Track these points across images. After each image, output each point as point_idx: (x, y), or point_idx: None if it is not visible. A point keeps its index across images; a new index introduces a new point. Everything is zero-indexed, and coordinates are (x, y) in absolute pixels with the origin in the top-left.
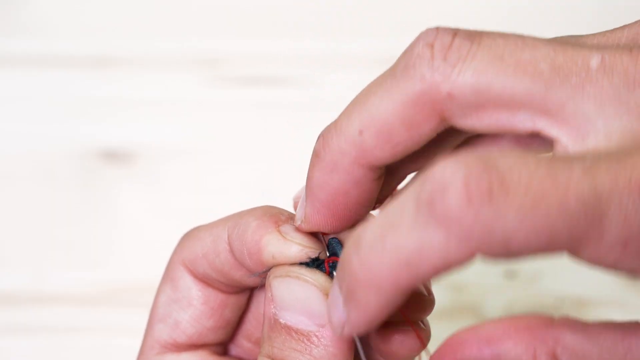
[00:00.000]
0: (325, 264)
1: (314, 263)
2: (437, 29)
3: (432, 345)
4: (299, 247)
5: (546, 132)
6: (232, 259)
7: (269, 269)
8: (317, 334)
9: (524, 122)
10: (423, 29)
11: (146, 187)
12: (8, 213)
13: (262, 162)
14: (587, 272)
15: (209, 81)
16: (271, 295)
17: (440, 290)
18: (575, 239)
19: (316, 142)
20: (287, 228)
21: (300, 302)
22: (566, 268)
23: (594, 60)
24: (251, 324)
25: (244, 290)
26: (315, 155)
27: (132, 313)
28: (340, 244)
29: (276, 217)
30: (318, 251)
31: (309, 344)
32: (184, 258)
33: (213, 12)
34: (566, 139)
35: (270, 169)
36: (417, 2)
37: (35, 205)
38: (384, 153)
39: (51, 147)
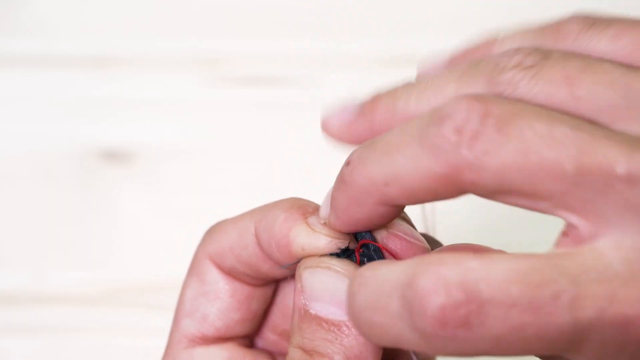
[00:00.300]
0: (356, 253)
1: (344, 253)
2: (468, 107)
3: None
4: (328, 239)
5: (566, 219)
6: (260, 252)
7: (298, 260)
8: (347, 323)
9: (544, 209)
10: (423, 29)
11: (146, 187)
12: (8, 213)
13: (262, 162)
14: None
15: (209, 81)
16: (301, 286)
17: None
18: (550, 354)
19: (344, 167)
20: (315, 220)
21: (331, 293)
22: None
23: (620, 167)
24: (277, 316)
25: (271, 282)
26: (342, 181)
27: (132, 313)
28: (370, 234)
29: (303, 209)
30: (347, 241)
31: (339, 333)
32: (209, 252)
33: (213, 12)
34: (583, 229)
35: (270, 169)
36: (417, 2)
37: (35, 205)
38: (408, 202)
39: (51, 147)
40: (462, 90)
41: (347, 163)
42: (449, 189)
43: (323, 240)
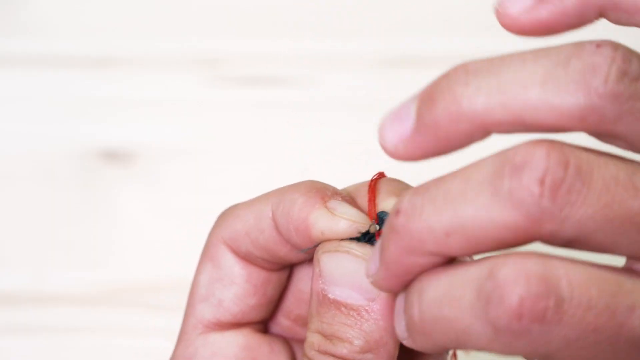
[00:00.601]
0: (377, 238)
1: (364, 237)
2: (548, 154)
3: None
4: (348, 223)
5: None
6: (277, 236)
7: (317, 244)
8: (367, 308)
9: (624, 262)
10: (423, 29)
11: (146, 187)
12: (8, 213)
13: (262, 162)
14: None
15: (209, 81)
16: (319, 271)
17: None
18: None
19: (393, 217)
20: (334, 203)
21: (350, 277)
22: None
23: None
24: (290, 301)
25: (286, 267)
26: (394, 231)
27: (132, 313)
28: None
29: (322, 192)
30: (367, 225)
31: (359, 318)
32: (224, 237)
33: (213, 12)
34: None
35: (270, 169)
36: (417, 2)
37: (35, 205)
38: (467, 252)
39: (51, 147)
40: (548, 97)
41: (397, 212)
42: (520, 239)
43: (343, 224)
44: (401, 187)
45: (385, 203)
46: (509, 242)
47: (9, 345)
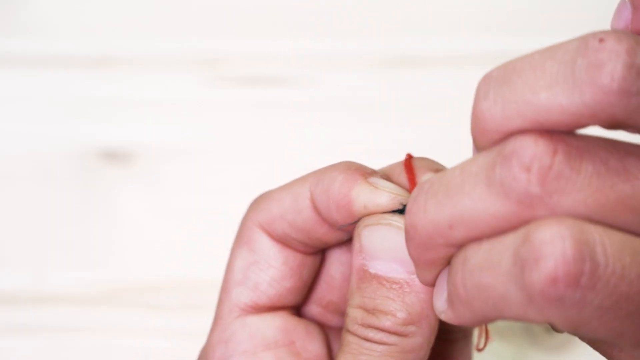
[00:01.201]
0: None
1: (404, 210)
2: (536, 142)
3: None
4: (390, 195)
5: None
6: (316, 216)
7: (356, 221)
8: (408, 281)
9: None
10: (423, 29)
11: (146, 187)
12: (8, 213)
13: (262, 162)
14: None
15: (209, 81)
16: (360, 246)
17: None
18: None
19: (406, 215)
20: (375, 179)
21: (392, 250)
22: None
23: None
24: (322, 287)
25: (321, 250)
26: (406, 233)
27: (132, 313)
28: None
29: (361, 169)
30: (408, 197)
31: (401, 291)
32: (260, 220)
33: (213, 12)
34: None
35: (270, 169)
36: (417, 2)
37: (35, 205)
38: (472, 240)
39: (51, 147)
40: (558, 99)
41: (407, 212)
42: (515, 225)
43: (386, 197)
44: (433, 164)
45: (424, 177)
46: (507, 229)
47: (9, 345)
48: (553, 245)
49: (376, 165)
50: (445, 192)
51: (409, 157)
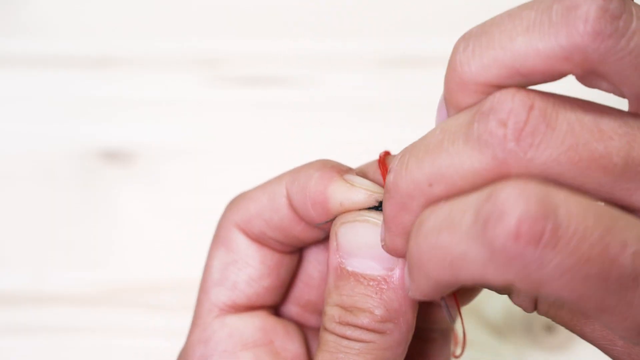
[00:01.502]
0: None
1: (381, 207)
2: (513, 98)
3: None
4: (366, 192)
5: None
6: (292, 214)
7: (333, 218)
8: (386, 278)
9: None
10: (423, 29)
11: (146, 187)
12: (8, 213)
13: (262, 162)
14: None
15: (209, 81)
16: (337, 244)
17: None
18: (600, 309)
19: (388, 175)
20: (350, 176)
21: (369, 247)
22: None
23: None
24: (299, 287)
25: (299, 249)
26: (387, 190)
27: (132, 313)
28: None
29: (337, 167)
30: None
31: (378, 288)
32: (236, 220)
33: (213, 12)
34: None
35: (270, 169)
36: (417, 2)
37: (35, 205)
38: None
39: (51, 147)
40: (533, 43)
41: (390, 171)
42: (492, 182)
43: (362, 194)
44: None
45: None
46: (484, 185)
47: (9, 345)
48: (517, 203)
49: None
50: (425, 150)
51: (385, 154)
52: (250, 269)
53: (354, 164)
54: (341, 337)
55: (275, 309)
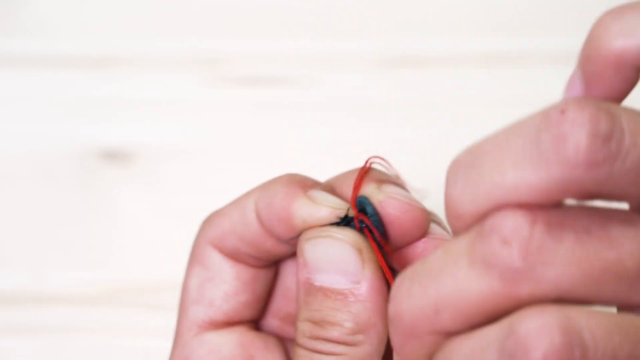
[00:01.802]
0: (355, 221)
1: (344, 221)
2: (514, 215)
3: None
4: (328, 209)
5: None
6: (262, 229)
7: (299, 234)
8: (353, 291)
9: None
10: (423, 29)
11: (146, 187)
12: (8, 213)
13: (262, 162)
14: None
15: (209, 81)
16: (303, 260)
17: None
18: None
19: (390, 303)
20: (314, 192)
21: (334, 261)
22: None
23: None
24: (278, 300)
25: (273, 263)
26: (390, 321)
27: (132, 313)
28: (368, 200)
29: (302, 182)
30: (346, 209)
31: (346, 301)
32: (210, 238)
33: (213, 12)
34: None
35: (270, 169)
36: (417, 2)
37: (35, 205)
38: (462, 328)
39: (51, 147)
40: (525, 177)
41: (390, 299)
42: (503, 305)
43: (324, 211)
44: (383, 176)
45: (366, 187)
46: (495, 309)
47: (9, 345)
48: (540, 336)
49: (377, 165)
50: (428, 275)
51: (367, 169)
52: (226, 285)
53: (354, 164)
54: (313, 351)
55: (256, 323)
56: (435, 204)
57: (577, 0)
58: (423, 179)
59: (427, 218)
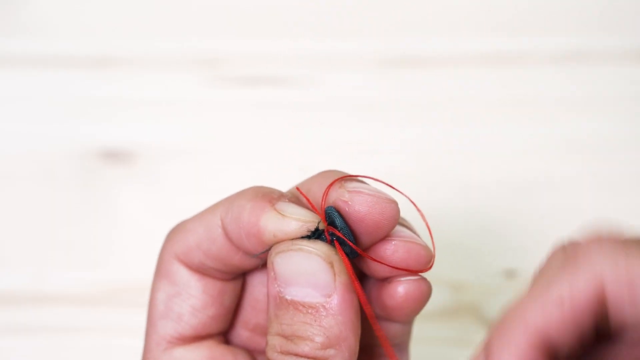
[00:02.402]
0: (325, 233)
1: (314, 234)
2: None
3: (429, 345)
4: (298, 222)
5: None
6: (229, 244)
7: (269, 248)
8: (324, 304)
9: None
10: (423, 29)
11: (146, 187)
12: (8, 213)
13: (262, 162)
14: None
15: (209, 81)
16: (274, 274)
17: (440, 290)
18: None
19: (478, 353)
20: (282, 205)
21: (305, 275)
22: None
23: None
24: (247, 311)
25: (240, 275)
26: None
27: (132, 313)
28: (337, 212)
29: (269, 195)
30: (316, 223)
31: (317, 315)
32: (176, 252)
33: (213, 12)
34: None
35: (270, 169)
36: (417, 2)
37: (35, 205)
38: None
39: (51, 147)
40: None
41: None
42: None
43: (294, 225)
44: (355, 184)
45: (331, 190)
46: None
47: (9, 345)
48: None
49: (376, 166)
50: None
51: (339, 179)
52: (193, 299)
53: (353, 164)
54: None
55: (225, 335)
56: (436, 204)
57: (577, 0)
58: (423, 179)
59: (396, 208)
